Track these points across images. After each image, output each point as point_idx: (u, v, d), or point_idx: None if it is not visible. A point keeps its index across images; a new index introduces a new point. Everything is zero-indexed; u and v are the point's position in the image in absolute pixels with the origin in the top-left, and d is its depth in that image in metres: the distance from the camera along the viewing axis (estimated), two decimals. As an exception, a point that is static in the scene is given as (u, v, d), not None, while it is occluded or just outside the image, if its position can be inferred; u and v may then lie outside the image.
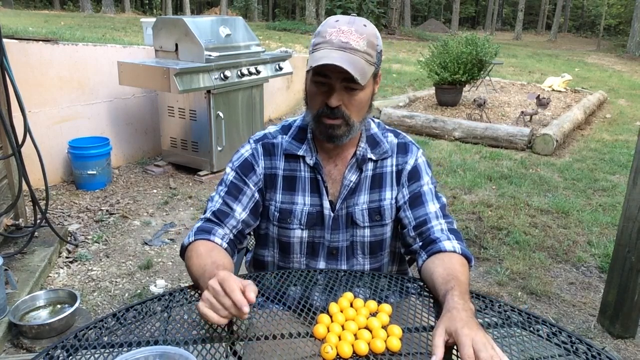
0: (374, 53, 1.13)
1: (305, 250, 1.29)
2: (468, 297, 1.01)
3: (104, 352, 0.90)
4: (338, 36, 1.10)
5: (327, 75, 1.11)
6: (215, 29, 4.10)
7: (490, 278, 2.89)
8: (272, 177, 1.26)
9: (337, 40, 1.09)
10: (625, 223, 2.31)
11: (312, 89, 1.16)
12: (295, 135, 1.27)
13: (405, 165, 1.28)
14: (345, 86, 1.11)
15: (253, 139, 1.30)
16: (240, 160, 1.27)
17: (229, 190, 1.24)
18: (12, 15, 14.73)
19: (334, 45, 1.09)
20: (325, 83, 1.12)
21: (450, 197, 4.06)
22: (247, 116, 4.45)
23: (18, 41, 3.60)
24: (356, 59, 1.08)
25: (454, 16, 29.55)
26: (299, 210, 1.25)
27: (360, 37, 1.10)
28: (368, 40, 1.11)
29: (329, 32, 1.11)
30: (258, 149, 1.27)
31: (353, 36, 1.10)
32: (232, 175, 1.26)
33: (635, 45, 19.57)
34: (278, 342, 0.94)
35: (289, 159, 1.26)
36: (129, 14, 23.26)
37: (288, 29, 19.25)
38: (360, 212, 1.26)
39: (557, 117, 6.68)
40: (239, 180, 1.25)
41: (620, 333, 2.39)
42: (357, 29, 1.11)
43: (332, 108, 1.13)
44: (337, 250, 1.29)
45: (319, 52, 1.10)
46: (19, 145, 2.63)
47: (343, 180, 1.25)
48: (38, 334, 2.18)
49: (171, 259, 3.01)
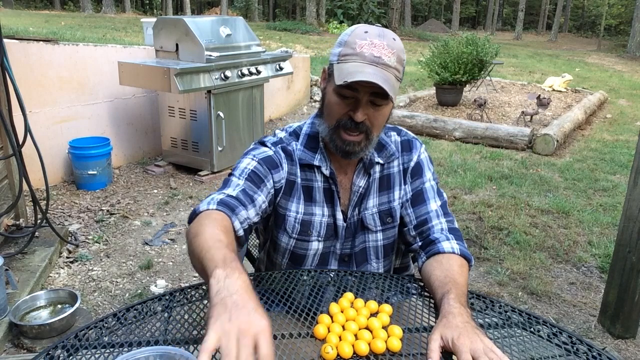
0: (401, 69, 1.11)
1: (318, 261, 1.26)
2: (465, 299, 1.00)
3: (105, 352, 0.90)
4: (370, 50, 1.06)
5: (355, 89, 1.07)
6: (216, 29, 4.11)
7: (491, 278, 2.89)
8: (292, 185, 1.22)
9: (369, 54, 1.06)
10: (626, 223, 2.31)
11: (334, 100, 1.11)
12: (307, 143, 1.23)
13: (410, 162, 1.27)
14: (371, 100, 1.09)
15: (269, 142, 1.23)
16: (264, 155, 1.19)
17: (250, 178, 1.14)
18: (12, 16, 14.73)
19: (366, 59, 1.06)
20: (350, 96, 1.09)
21: (450, 197, 4.06)
22: (247, 116, 4.45)
23: (19, 41, 3.61)
24: (388, 75, 1.06)
25: (454, 16, 29.55)
26: (317, 221, 1.22)
27: (391, 53, 1.07)
28: (398, 56, 1.09)
29: (360, 45, 1.07)
30: (280, 152, 1.21)
31: (385, 51, 1.07)
32: (253, 165, 1.16)
33: (635, 46, 19.55)
34: (278, 342, 0.94)
35: (304, 168, 1.22)
36: (130, 14, 23.26)
37: (288, 29, 19.24)
38: (371, 217, 1.24)
39: (557, 117, 6.67)
40: (262, 171, 1.16)
41: (621, 333, 2.39)
42: (388, 44, 1.08)
43: (357, 122, 1.10)
44: (348, 257, 1.27)
45: (349, 65, 1.07)
46: (19, 145, 2.63)
47: (352, 187, 1.23)
48: (38, 334, 2.18)
49: (172, 259, 3.01)
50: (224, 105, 4.15)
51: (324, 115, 1.17)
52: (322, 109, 1.18)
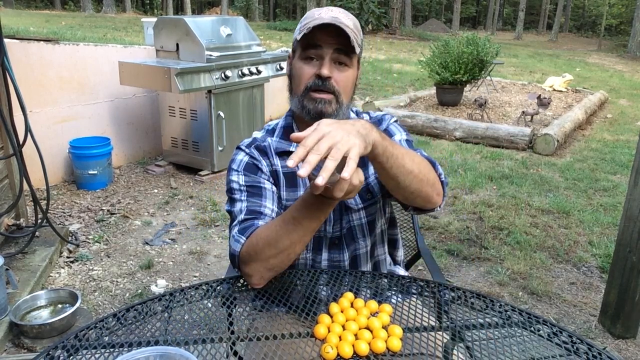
0: (359, 36, 1.14)
1: (311, 246, 1.27)
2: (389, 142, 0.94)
3: (105, 352, 0.90)
4: (327, 13, 1.12)
5: (318, 46, 1.11)
6: (216, 29, 4.11)
7: (491, 278, 2.89)
8: (276, 174, 1.24)
9: (327, 16, 1.11)
10: (626, 223, 2.31)
11: (300, 66, 1.15)
12: (282, 135, 1.27)
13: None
14: (335, 59, 1.12)
15: (243, 145, 1.26)
16: (243, 164, 1.22)
17: (249, 192, 1.18)
18: (13, 15, 14.75)
19: (324, 19, 1.09)
20: (314, 58, 1.13)
21: (451, 197, 4.06)
22: (248, 116, 4.45)
23: (19, 41, 3.61)
24: (348, 29, 1.09)
25: (454, 16, 29.55)
26: None
27: (347, 17, 1.13)
28: (354, 22, 1.14)
29: (317, 12, 1.13)
30: (253, 152, 1.24)
31: (342, 14, 1.12)
32: (243, 179, 1.20)
33: (636, 45, 19.55)
34: (279, 342, 0.94)
35: (282, 156, 1.25)
36: (130, 14, 23.27)
37: (289, 28, 19.26)
38: None
39: (558, 117, 6.67)
40: (253, 180, 1.20)
41: (621, 333, 2.38)
42: (343, 12, 1.14)
43: (323, 79, 1.11)
44: (338, 239, 1.28)
45: (307, 25, 1.10)
46: (20, 145, 2.64)
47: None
48: (39, 333, 2.18)
49: (172, 258, 3.01)
50: (225, 105, 4.15)
51: (293, 90, 1.20)
52: (290, 86, 1.22)
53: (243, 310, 1.20)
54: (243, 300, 1.18)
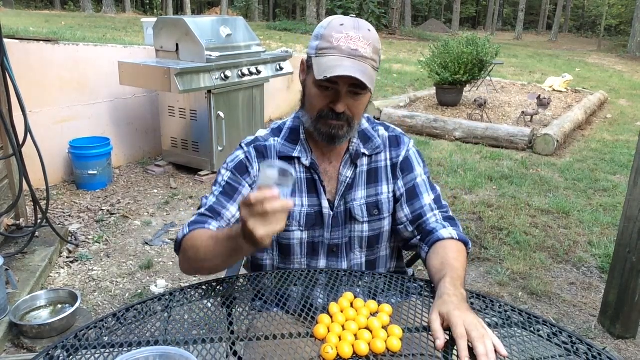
0: (377, 59, 1.14)
1: (306, 251, 1.28)
2: (460, 283, 1.05)
3: (104, 352, 0.90)
4: (347, 43, 1.09)
5: (334, 82, 1.10)
6: (216, 29, 4.11)
7: (491, 278, 2.89)
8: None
9: (346, 47, 1.09)
10: (626, 223, 2.31)
11: (315, 92, 1.15)
12: (288, 137, 1.27)
13: (399, 158, 1.30)
14: (351, 91, 1.12)
15: (244, 142, 1.29)
16: (235, 161, 1.25)
17: (224, 191, 1.23)
18: (13, 15, 14.74)
19: (343, 52, 1.09)
20: (330, 88, 1.12)
21: (450, 197, 4.06)
22: (247, 116, 4.45)
23: (19, 41, 3.61)
24: (365, 66, 1.09)
25: (454, 16, 29.57)
26: (297, 211, 1.24)
27: (367, 44, 1.11)
28: (374, 47, 1.12)
29: (336, 38, 1.10)
30: (251, 152, 1.26)
31: (361, 43, 1.10)
32: (227, 176, 1.24)
33: (636, 46, 19.55)
34: (278, 342, 0.94)
35: (283, 160, 1.25)
36: (130, 14, 23.26)
37: (289, 29, 19.26)
38: (359, 208, 1.27)
39: (557, 117, 6.67)
40: (235, 180, 1.23)
41: (621, 333, 2.39)
42: (364, 35, 1.11)
43: (337, 113, 1.13)
44: (337, 247, 1.29)
45: (327, 59, 1.09)
46: (19, 145, 2.63)
47: (339, 177, 1.26)
48: (39, 333, 2.18)
49: (172, 259, 3.01)
50: (224, 105, 4.15)
51: (305, 107, 1.21)
52: (303, 100, 1.22)
53: (243, 310, 1.20)
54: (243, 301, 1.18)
